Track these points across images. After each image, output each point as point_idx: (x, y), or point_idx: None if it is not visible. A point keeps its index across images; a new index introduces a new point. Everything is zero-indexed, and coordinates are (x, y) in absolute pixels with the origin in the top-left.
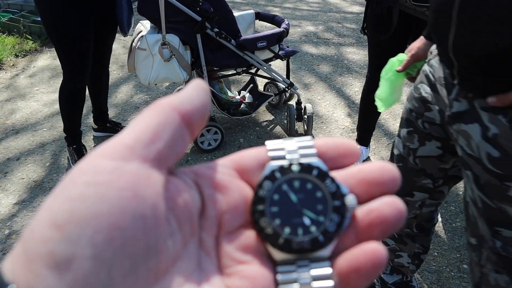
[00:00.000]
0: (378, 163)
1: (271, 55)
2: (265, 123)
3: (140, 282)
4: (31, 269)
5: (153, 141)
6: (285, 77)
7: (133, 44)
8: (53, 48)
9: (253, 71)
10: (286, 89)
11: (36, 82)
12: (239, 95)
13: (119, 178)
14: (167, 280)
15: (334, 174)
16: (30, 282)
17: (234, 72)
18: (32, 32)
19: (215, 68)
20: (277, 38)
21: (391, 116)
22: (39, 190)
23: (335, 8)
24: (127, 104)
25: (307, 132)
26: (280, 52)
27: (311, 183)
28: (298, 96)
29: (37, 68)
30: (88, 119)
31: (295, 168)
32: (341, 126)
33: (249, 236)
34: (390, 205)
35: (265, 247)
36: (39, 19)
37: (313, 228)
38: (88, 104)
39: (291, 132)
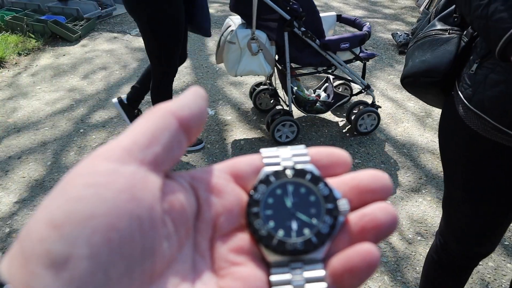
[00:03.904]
0: (371, 171)
1: (352, 56)
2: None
3: (136, 283)
4: (27, 269)
5: (150, 144)
6: (362, 79)
7: (222, 37)
8: (56, 47)
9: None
10: (363, 91)
11: (38, 81)
12: (314, 93)
13: (117, 180)
14: (162, 281)
15: (327, 180)
16: (26, 281)
17: (313, 70)
18: (35, 31)
19: (293, 66)
20: (360, 41)
21: (392, 120)
22: (39, 189)
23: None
24: None
25: (368, 133)
26: (361, 54)
27: (305, 187)
28: (373, 98)
29: (39, 66)
30: (89, 118)
31: (289, 172)
32: (343, 129)
33: (243, 238)
34: (383, 210)
35: (258, 249)
36: (43, 17)
37: (306, 231)
38: (88, 104)
39: (357, 131)
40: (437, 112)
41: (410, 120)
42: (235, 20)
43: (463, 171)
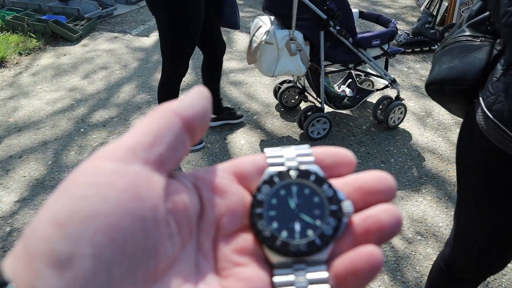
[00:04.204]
0: (375, 172)
1: (380, 52)
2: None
3: (139, 282)
4: (31, 267)
5: (154, 144)
6: (388, 73)
7: (254, 38)
8: (56, 47)
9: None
10: (389, 85)
11: (39, 81)
12: (338, 89)
13: (120, 180)
14: (165, 281)
15: (331, 181)
16: (30, 280)
17: (342, 68)
18: (36, 31)
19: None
20: (389, 37)
21: None
22: (40, 188)
23: None
24: (129, 104)
25: (396, 126)
26: (389, 50)
27: (309, 188)
28: (398, 92)
29: (40, 66)
30: (90, 118)
31: (293, 173)
32: (343, 129)
33: (247, 239)
34: (387, 212)
35: (262, 250)
36: (43, 17)
37: (310, 232)
38: (89, 103)
39: (388, 125)
40: (437, 112)
41: (410, 120)
42: (265, 20)
43: (480, 180)
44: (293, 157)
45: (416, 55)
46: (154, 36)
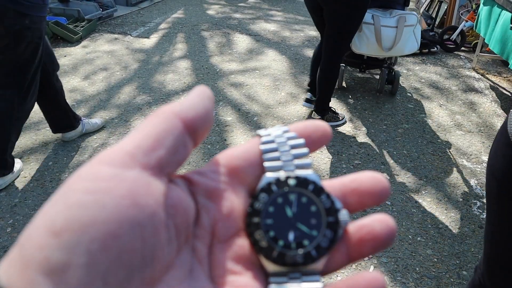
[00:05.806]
0: (370, 173)
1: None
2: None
3: None
4: (26, 275)
5: (154, 148)
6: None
7: (382, 28)
8: (57, 48)
9: None
10: None
11: None
12: None
13: (118, 186)
14: (160, 287)
15: (328, 184)
16: None
17: None
18: None
19: None
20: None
21: (392, 122)
22: (41, 188)
23: None
24: (130, 105)
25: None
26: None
27: (307, 197)
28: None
29: None
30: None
31: (291, 182)
32: (344, 131)
33: (242, 246)
34: (381, 222)
35: (257, 258)
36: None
37: (306, 242)
38: (89, 104)
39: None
40: (436, 113)
41: (410, 121)
42: (371, 14)
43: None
44: (287, 149)
45: (415, 57)
46: (154, 38)
